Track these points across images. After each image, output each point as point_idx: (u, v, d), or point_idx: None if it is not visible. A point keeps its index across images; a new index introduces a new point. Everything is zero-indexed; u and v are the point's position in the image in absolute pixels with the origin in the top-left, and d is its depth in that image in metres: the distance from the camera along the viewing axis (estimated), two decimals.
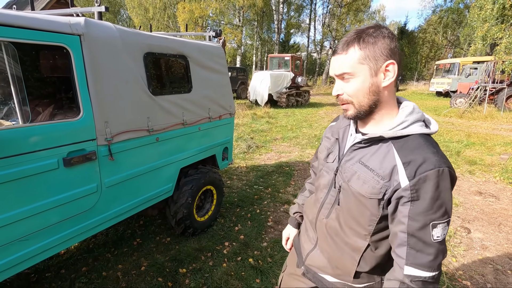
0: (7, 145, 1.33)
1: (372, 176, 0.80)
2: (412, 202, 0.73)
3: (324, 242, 0.97)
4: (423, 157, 0.73)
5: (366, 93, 0.79)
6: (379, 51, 0.76)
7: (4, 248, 1.40)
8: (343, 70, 0.78)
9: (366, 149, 0.84)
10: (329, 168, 0.95)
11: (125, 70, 1.86)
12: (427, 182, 0.71)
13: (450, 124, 9.33)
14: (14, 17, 1.31)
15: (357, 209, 0.85)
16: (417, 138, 0.78)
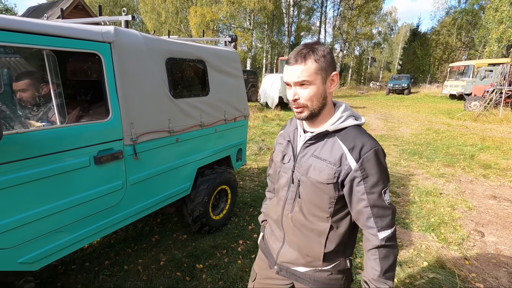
0: (47, 144, 1.46)
1: (326, 165, 0.95)
2: (364, 180, 0.92)
3: (292, 236, 1.08)
4: (362, 142, 0.93)
5: (318, 98, 0.94)
6: (328, 63, 0.92)
7: (43, 238, 1.53)
8: (303, 78, 0.91)
9: (316, 145, 1.00)
10: (286, 168, 1.08)
11: (149, 74, 1.98)
12: (370, 161, 0.91)
13: (464, 127, 9.18)
14: (55, 28, 1.44)
15: (317, 196, 0.99)
16: (353, 129, 0.97)
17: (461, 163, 5.50)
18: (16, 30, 1.31)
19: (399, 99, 19.73)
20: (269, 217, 1.21)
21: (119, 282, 2.21)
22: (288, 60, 0.94)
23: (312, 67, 0.91)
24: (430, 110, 13.50)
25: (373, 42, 36.74)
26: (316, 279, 1.06)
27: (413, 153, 6.19)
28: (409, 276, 2.44)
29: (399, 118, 11.42)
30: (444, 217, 3.47)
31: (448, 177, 4.81)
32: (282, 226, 1.11)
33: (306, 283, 1.08)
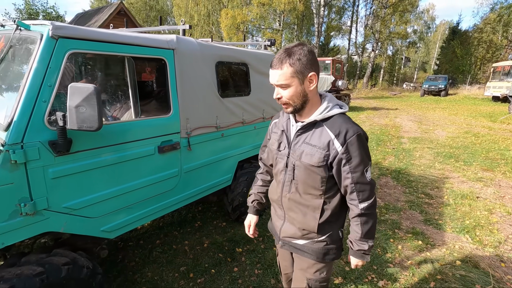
0: (126, 134, 1.77)
1: (316, 150, 1.10)
2: (349, 161, 1.07)
3: (291, 213, 1.24)
4: (346, 128, 1.07)
5: (298, 97, 1.07)
6: (303, 65, 1.02)
7: (118, 212, 1.84)
8: (281, 81, 1.04)
9: (307, 133, 1.14)
10: (282, 155, 1.22)
11: (202, 76, 2.26)
12: (353, 145, 1.06)
13: (508, 131, 8.66)
14: (135, 38, 1.74)
15: (310, 178, 1.14)
16: (338, 117, 1.11)
17: (501, 168, 5.28)
18: (108, 41, 1.62)
19: (435, 101, 18.83)
20: (271, 199, 1.36)
21: (170, 258, 2.52)
22: (271, 64, 1.07)
23: (288, 72, 1.02)
24: (469, 113, 12.80)
25: (407, 41, 35.20)
26: (314, 249, 1.23)
27: (449, 156, 6.02)
28: (440, 273, 2.50)
29: (435, 120, 10.98)
30: (480, 221, 3.42)
31: (487, 182, 4.66)
32: (282, 205, 1.27)
33: (306, 255, 1.26)
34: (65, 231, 1.59)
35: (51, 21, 1.43)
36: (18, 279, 1.35)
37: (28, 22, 1.54)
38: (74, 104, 1.33)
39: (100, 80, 2.01)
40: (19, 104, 1.34)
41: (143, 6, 34.80)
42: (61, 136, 1.42)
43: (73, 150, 1.53)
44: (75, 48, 1.49)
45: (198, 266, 2.42)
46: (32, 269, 1.40)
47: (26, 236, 1.44)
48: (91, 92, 1.33)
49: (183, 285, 2.23)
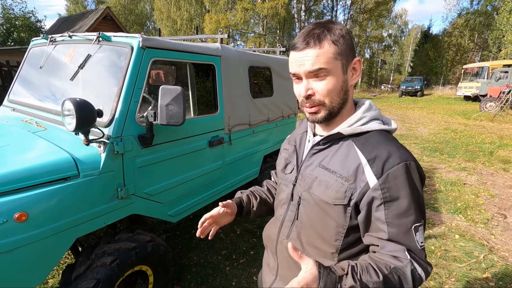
0: (188, 129, 2.03)
1: (335, 179, 0.73)
2: (386, 204, 0.67)
3: (286, 269, 0.86)
4: (388, 151, 0.69)
5: (339, 92, 0.73)
6: (348, 46, 0.72)
7: (180, 198, 2.09)
8: (320, 65, 0.69)
9: (326, 151, 0.78)
10: (287, 180, 0.88)
11: (240, 79, 2.55)
12: (397, 179, 0.67)
13: (481, 127, 9.50)
14: (194, 47, 2.02)
15: (320, 221, 0.76)
16: (377, 134, 0.74)
17: (481, 159, 5.90)
18: (178, 50, 1.89)
19: (412, 101, 19.97)
20: (266, 240, 0.98)
21: (210, 244, 2.77)
22: (295, 45, 0.72)
23: (330, 51, 0.69)
24: (445, 111, 13.79)
25: (383, 44, 36.96)
26: None
27: (434, 150, 6.62)
28: (443, 245, 2.92)
29: (415, 119, 11.77)
30: (470, 203, 3.92)
31: (470, 171, 5.23)
32: (276, 254, 0.90)
33: None
34: (144, 214, 1.83)
35: (138, 34, 1.68)
36: (119, 253, 1.58)
37: (109, 34, 1.78)
38: (165, 103, 1.59)
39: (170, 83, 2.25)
40: (118, 103, 1.59)
41: (122, 10, 34.27)
42: (149, 130, 1.67)
43: (154, 143, 1.78)
44: (157, 56, 1.75)
45: (238, 250, 2.69)
46: (128, 245, 1.64)
47: (120, 217, 1.67)
48: (180, 93, 1.60)
49: (228, 265, 2.50)
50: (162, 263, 1.84)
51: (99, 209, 1.54)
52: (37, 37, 2.39)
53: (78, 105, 1.32)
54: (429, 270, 0.68)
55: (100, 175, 1.51)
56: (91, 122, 1.38)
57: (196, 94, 2.25)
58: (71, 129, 1.36)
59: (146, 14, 37.37)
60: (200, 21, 27.71)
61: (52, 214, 1.35)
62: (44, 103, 2.03)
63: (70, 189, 1.41)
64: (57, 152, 1.47)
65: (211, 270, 2.44)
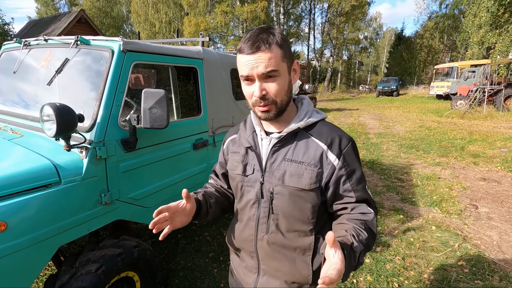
0: (172, 132, 2.03)
1: (305, 168, 0.81)
2: (349, 177, 0.83)
3: (271, 262, 0.91)
4: (338, 135, 0.84)
5: (286, 91, 0.80)
6: (289, 49, 0.79)
7: (165, 203, 2.07)
8: (272, 67, 0.75)
9: (286, 147, 0.85)
10: (251, 181, 0.90)
11: (222, 82, 2.57)
12: (350, 155, 0.84)
13: (453, 124, 10.02)
14: (177, 50, 2.02)
15: (297, 208, 0.84)
16: (323, 123, 0.88)
17: (453, 154, 6.23)
18: (160, 53, 1.88)
19: (389, 101, 20.73)
20: (235, 246, 0.99)
21: (196, 247, 2.76)
22: (245, 49, 0.75)
23: (279, 54, 0.76)
24: (419, 110, 14.42)
25: (360, 46, 38.14)
26: None
27: (411, 147, 6.91)
28: (421, 236, 3.06)
29: (392, 117, 12.23)
30: (444, 196, 4.13)
31: (444, 165, 5.51)
32: (256, 253, 0.92)
33: None
34: (129, 219, 1.80)
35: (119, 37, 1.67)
36: (104, 259, 1.55)
37: (88, 37, 1.75)
38: (148, 106, 1.59)
39: (152, 86, 2.23)
40: (100, 108, 1.57)
41: (97, 12, 33.29)
42: (133, 134, 1.66)
43: (137, 147, 1.77)
44: (139, 59, 1.74)
45: (225, 251, 2.70)
46: (114, 251, 1.61)
47: (104, 223, 1.64)
48: (163, 96, 1.60)
49: (216, 267, 2.50)
50: (149, 268, 1.82)
51: (82, 216, 1.51)
52: (9, 41, 2.30)
53: (58, 110, 1.29)
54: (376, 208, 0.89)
55: (82, 181, 1.48)
56: (72, 127, 1.36)
57: (179, 97, 2.24)
58: (51, 135, 1.33)
59: (122, 17, 36.50)
60: (179, 24, 27.43)
61: (32, 223, 1.31)
62: (19, 109, 1.96)
63: (51, 196, 1.37)
64: (36, 159, 1.43)
65: (199, 273, 2.43)
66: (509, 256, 2.76)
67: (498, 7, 10.80)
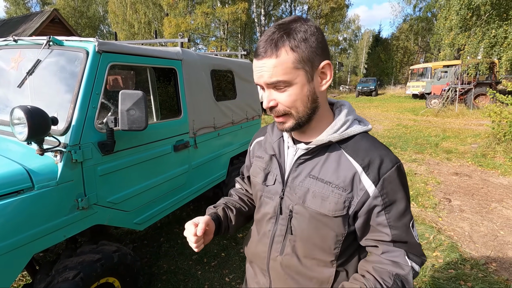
0: (151, 134, 2.00)
1: (332, 190, 0.69)
2: (386, 209, 0.67)
3: (283, 285, 0.81)
4: (379, 156, 0.68)
5: (305, 102, 0.68)
6: (313, 50, 0.64)
7: (146, 205, 2.05)
8: (278, 78, 0.64)
9: (313, 160, 0.74)
10: (271, 192, 0.81)
11: (202, 83, 2.57)
12: (393, 182, 0.67)
13: (428, 122, 10.47)
14: (154, 51, 2.00)
15: (318, 233, 0.73)
16: (363, 138, 0.72)
17: (428, 150, 6.51)
18: (137, 54, 1.86)
19: (368, 100, 21.33)
20: (248, 257, 0.92)
21: (180, 250, 2.73)
22: (256, 51, 0.66)
23: (289, 60, 0.63)
24: (397, 109, 14.94)
25: (339, 48, 39.02)
26: None
27: (389, 145, 7.15)
28: None
29: (371, 116, 12.60)
30: (420, 190, 4.31)
31: (420, 162, 5.74)
32: (268, 271, 0.83)
33: None
34: (108, 224, 1.76)
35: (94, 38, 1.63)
36: (82, 266, 1.51)
37: (61, 38, 1.70)
38: (126, 108, 1.56)
39: (130, 88, 2.19)
40: (75, 110, 1.52)
41: (72, 12, 32.12)
42: (110, 137, 1.63)
43: (115, 150, 1.73)
44: (115, 60, 1.71)
45: (209, 253, 2.69)
46: (92, 256, 1.57)
47: (81, 229, 1.60)
48: (141, 97, 1.58)
49: (199, 269, 2.49)
50: (130, 273, 1.79)
51: (58, 222, 1.46)
52: None
53: (30, 113, 1.25)
54: (423, 263, 0.72)
55: (57, 185, 1.44)
56: (45, 130, 1.31)
57: (159, 98, 2.22)
58: (22, 139, 1.29)
59: (99, 17, 35.44)
60: (159, 25, 26.95)
61: (4, 231, 1.26)
62: None
63: (24, 202, 1.32)
64: (7, 164, 1.37)
65: (182, 276, 2.40)
66: (479, 246, 2.92)
67: (466, 10, 11.39)
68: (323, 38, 0.66)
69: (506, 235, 3.11)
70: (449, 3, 12.36)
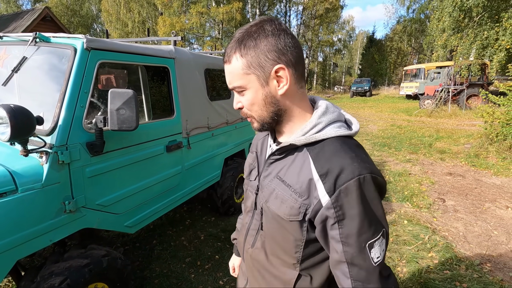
0: (142, 135, 1.94)
1: (290, 194, 0.68)
2: (339, 223, 0.62)
3: (252, 278, 0.84)
4: (341, 165, 0.62)
5: (262, 105, 0.69)
6: (262, 55, 0.64)
7: (138, 208, 1.99)
8: (233, 83, 0.68)
9: (283, 161, 0.73)
10: (252, 187, 0.84)
11: (196, 82, 2.51)
12: (349, 196, 0.61)
13: (421, 122, 10.55)
14: (147, 49, 1.94)
15: (280, 234, 0.73)
16: (333, 143, 0.67)
17: (422, 151, 6.54)
18: (128, 52, 1.80)
19: (362, 101, 21.45)
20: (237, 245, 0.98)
21: (172, 253, 2.67)
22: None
23: (239, 67, 0.66)
24: (391, 109, 15.04)
25: (334, 48, 39.21)
26: None
27: (383, 145, 7.17)
28: (395, 231, 3.18)
29: (366, 117, 12.66)
30: (414, 191, 4.31)
31: (414, 162, 5.76)
32: (243, 259, 0.89)
33: None
34: (98, 227, 1.70)
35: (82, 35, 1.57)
36: (69, 271, 1.45)
37: (48, 35, 1.64)
38: (116, 107, 1.51)
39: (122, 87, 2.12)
40: (61, 109, 1.46)
41: (64, 10, 31.66)
42: (99, 137, 1.57)
43: (105, 151, 1.67)
44: (105, 58, 1.65)
45: (202, 255, 2.64)
46: (80, 262, 1.51)
47: (69, 233, 1.54)
48: (131, 96, 1.52)
49: (193, 272, 2.43)
50: (120, 278, 1.73)
51: (43, 226, 1.40)
52: None
53: (13, 112, 1.19)
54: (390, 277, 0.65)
55: (42, 188, 1.38)
56: (29, 130, 1.26)
57: (151, 98, 2.16)
58: (5, 139, 1.22)
59: (92, 15, 35.01)
60: (153, 24, 26.73)
61: None
62: None
63: (7, 206, 1.26)
64: None
65: (175, 280, 2.35)
66: (474, 246, 2.92)
67: (459, 12, 11.51)
68: (277, 41, 0.64)
69: (500, 235, 3.12)
70: (442, 5, 12.49)
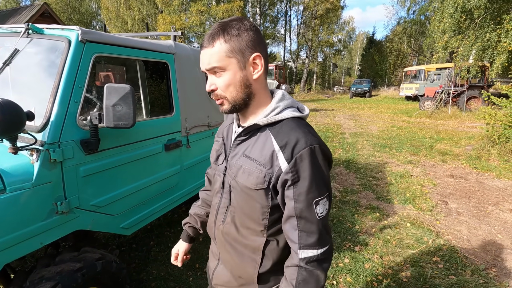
0: (140, 132, 1.87)
1: (256, 166, 0.80)
2: (294, 184, 0.75)
3: (225, 253, 0.93)
4: (296, 137, 0.76)
5: (238, 87, 0.79)
6: (244, 43, 0.76)
7: (135, 208, 1.91)
8: (213, 64, 0.77)
9: (248, 141, 0.85)
10: (219, 170, 0.93)
11: (196, 79, 2.44)
12: (303, 161, 0.74)
13: (421, 124, 10.50)
14: (145, 43, 1.86)
15: (247, 205, 0.84)
16: (290, 122, 0.80)
17: (423, 152, 6.49)
18: (125, 45, 1.72)
19: (362, 102, 21.42)
20: (207, 230, 1.04)
21: (170, 255, 2.58)
22: (201, 44, 0.81)
23: (222, 50, 0.75)
24: (391, 110, 15.00)
25: (334, 49, 39.16)
26: None
27: (384, 146, 7.11)
28: (397, 234, 3.11)
29: (366, 118, 12.61)
30: (417, 193, 4.25)
31: (415, 163, 5.70)
32: (215, 239, 0.96)
33: None
34: (92, 229, 1.62)
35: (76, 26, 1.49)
36: (61, 276, 1.37)
37: (41, 26, 1.56)
38: (111, 103, 1.43)
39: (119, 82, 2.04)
40: (54, 105, 1.38)
41: (64, 7, 31.49)
42: (94, 134, 1.49)
43: (100, 149, 1.59)
44: (100, 51, 1.57)
45: (201, 258, 2.56)
46: (72, 266, 1.43)
47: (61, 235, 1.46)
48: (128, 92, 1.44)
49: (191, 275, 2.36)
50: (115, 282, 1.65)
51: (33, 228, 1.32)
52: None
53: (1, 107, 1.11)
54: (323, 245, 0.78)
55: (33, 188, 1.30)
56: (19, 126, 1.17)
57: (149, 94, 2.08)
58: None
59: (92, 13, 34.83)
60: (153, 22, 26.58)
61: None
62: None
63: None
64: None
65: (173, 283, 2.27)
66: (478, 250, 2.86)
67: (460, 13, 11.47)
68: (257, 35, 0.78)
69: (505, 239, 3.06)
70: (443, 6, 12.44)
